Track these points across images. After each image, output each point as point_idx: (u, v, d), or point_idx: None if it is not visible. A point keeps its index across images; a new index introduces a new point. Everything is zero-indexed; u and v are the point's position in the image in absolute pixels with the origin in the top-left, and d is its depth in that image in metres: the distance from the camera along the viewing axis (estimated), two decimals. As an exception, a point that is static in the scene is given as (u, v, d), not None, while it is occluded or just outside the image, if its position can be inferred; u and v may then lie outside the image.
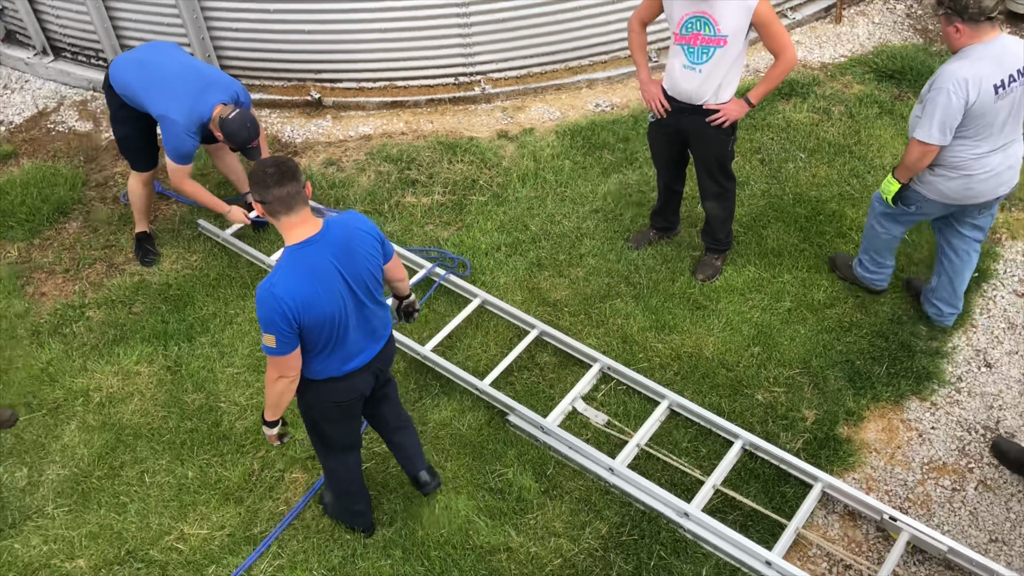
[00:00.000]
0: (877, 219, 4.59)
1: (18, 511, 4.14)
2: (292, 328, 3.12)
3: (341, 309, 3.23)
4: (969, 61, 3.92)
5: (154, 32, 6.59)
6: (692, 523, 3.85)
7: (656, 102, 4.60)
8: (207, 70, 4.88)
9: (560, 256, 5.22)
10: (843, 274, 4.97)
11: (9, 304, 5.15)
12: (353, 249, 3.25)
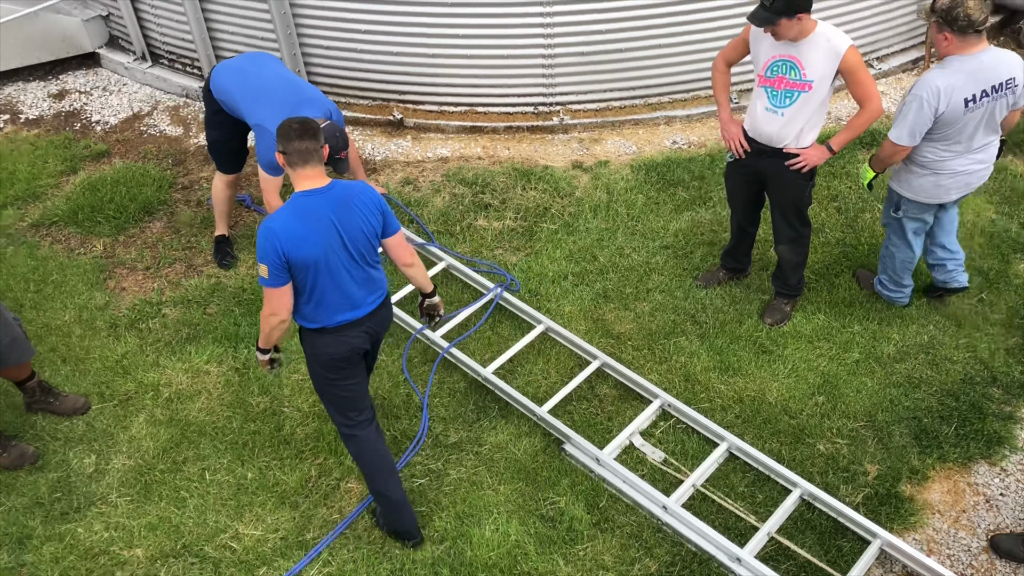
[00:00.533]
0: (889, 237, 4.84)
1: (84, 496, 4.27)
2: (281, 261, 3.45)
3: (328, 255, 3.52)
4: (947, 72, 4.18)
5: (248, 45, 6.82)
6: (744, 569, 3.79)
7: (736, 142, 4.59)
8: (304, 86, 5.03)
9: (627, 289, 5.22)
10: (865, 287, 5.16)
11: (91, 296, 5.35)
12: (352, 207, 3.56)
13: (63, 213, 5.96)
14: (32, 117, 7.05)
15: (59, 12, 7.38)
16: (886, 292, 5.03)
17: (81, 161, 6.49)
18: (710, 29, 6.32)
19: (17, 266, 5.56)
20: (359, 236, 3.59)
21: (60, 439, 4.53)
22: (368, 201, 3.62)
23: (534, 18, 6.15)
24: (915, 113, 4.22)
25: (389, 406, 4.62)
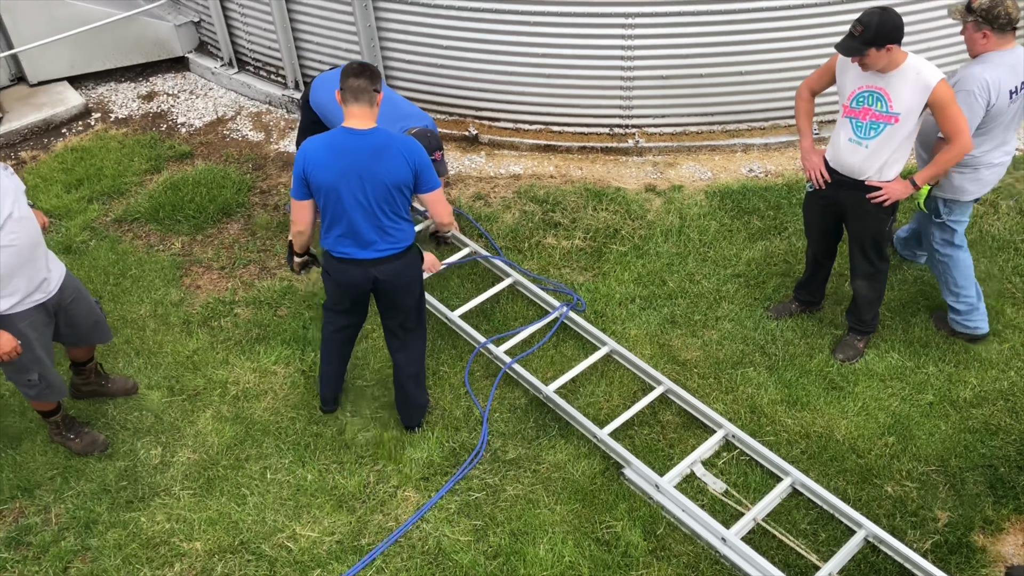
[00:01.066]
0: (937, 252, 4.81)
1: (148, 487, 4.36)
2: (302, 178, 3.87)
3: (342, 189, 3.82)
4: (991, 66, 4.29)
5: (333, 55, 6.96)
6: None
7: (816, 172, 4.52)
8: (402, 101, 5.15)
9: (695, 316, 5.16)
10: (945, 329, 5.03)
11: (167, 292, 5.48)
12: (382, 156, 3.80)
13: (145, 210, 6.14)
14: (122, 116, 7.29)
15: (153, 17, 7.63)
16: (964, 321, 4.88)
17: (165, 161, 6.68)
18: (793, 58, 6.24)
19: (99, 259, 5.73)
20: (380, 184, 3.83)
21: (129, 429, 4.64)
22: (401, 154, 3.83)
23: (615, 39, 6.15)
24: (968, 109, 4.25)
25: (449, 418, 4.62)
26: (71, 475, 4.42)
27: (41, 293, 4.02)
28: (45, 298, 4.05)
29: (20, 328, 3.95)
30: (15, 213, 3.77)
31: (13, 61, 7.40)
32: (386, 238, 4.00)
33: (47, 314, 4.10)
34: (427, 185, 3.94)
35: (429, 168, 3.90)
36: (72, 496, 4.32)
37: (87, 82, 7.69)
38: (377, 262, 4.05)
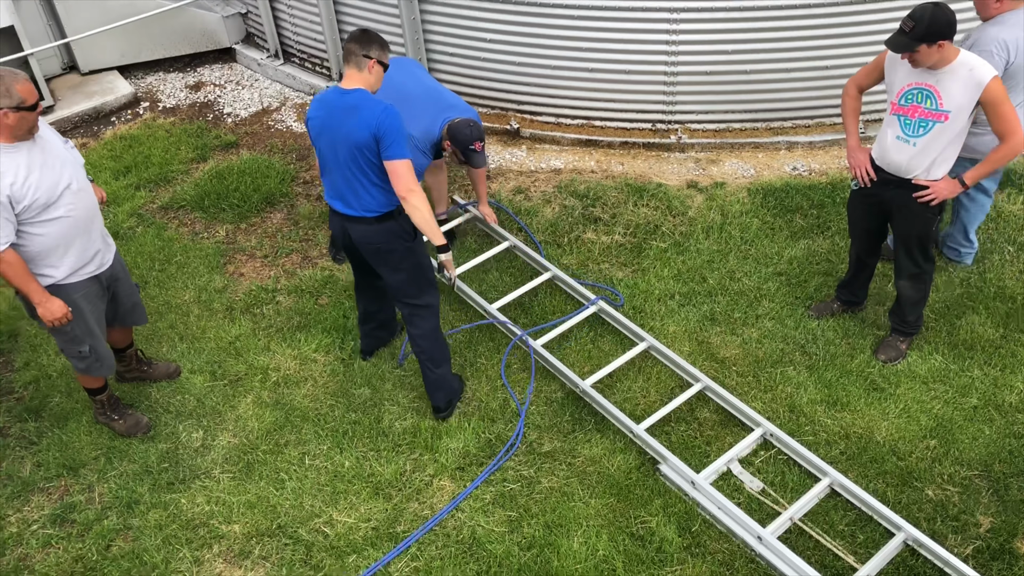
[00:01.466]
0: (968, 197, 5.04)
1: (189, 469, 4.43)
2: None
3: (321, 142, 4.05)
4: (1007, 26, 4.44)
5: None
6: (839, 610, 3.65)
7: (862, 170, 4.46)
8: (445, 93, 5.18)
9: (735, 314, 5.12)
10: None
11: (211, 279, 5.57)
12: (350, 116, 3.92)
13: (191, 198, 6.24)
14: (169, 106, 7.41)
15: (202, 8, 7.75)
16: (960, 249, 5.29)
17: (211, 150, 6.78)
18: (839, 55, 6.16)
19: (145, 245, 5.84)
20: (346, 141, 3.95)
21: (172, 412, 4.73)
22: (365, 116, 3.89)
23: (659, 35, 6.12)
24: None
25: (486, 409, 4.64)
26: (115, 456, 4.51)
27: (95, 265, 4.14)
28: (100, 270, 4.17)
29: (74, 299, 4.07)
30: (73, 185, 3.90)
31: (66, 50, 7.56)
32: (357, 199, 4.09)
33: (101, 287, 4.22)
34: (387, 152, 3.92)
35: (393, 135, 3.88)
36: (115, 476, 4.41)
37: (136, 71, 7.82)
38: (349, 219, 4.17)
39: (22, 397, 4.88)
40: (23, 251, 3.84)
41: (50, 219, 3.84)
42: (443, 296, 5.34)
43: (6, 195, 3.67)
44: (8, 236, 3.74)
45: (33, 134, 3.79)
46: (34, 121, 3.75)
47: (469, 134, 4.98)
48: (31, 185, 3.73)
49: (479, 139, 5.05)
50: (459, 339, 5.06)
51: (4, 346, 5.19)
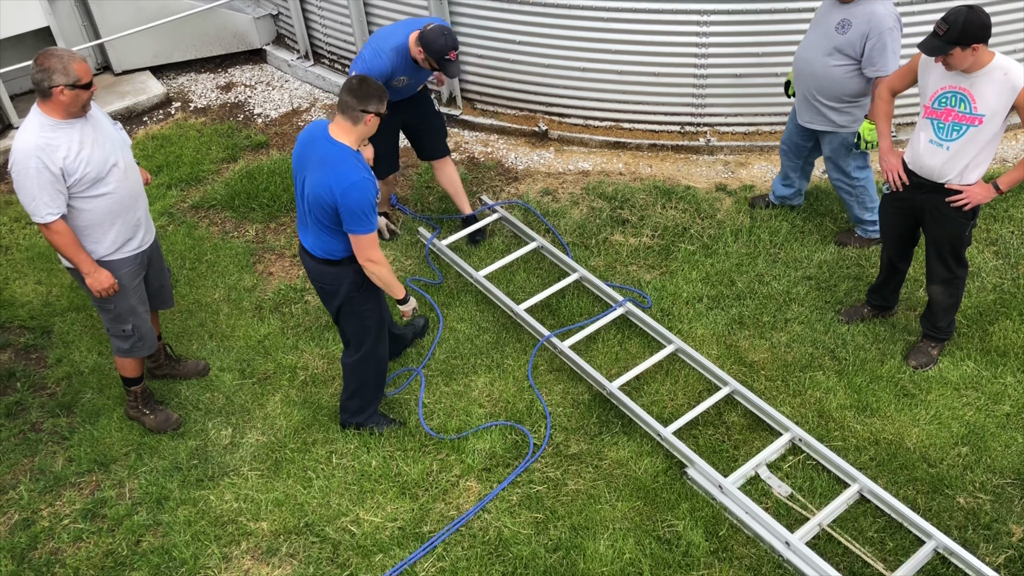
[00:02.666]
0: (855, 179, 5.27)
1: (218, 466, 4.47)
2: None
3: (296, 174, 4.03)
4: (884, 2, 4.71)
5: (405, 49, 7.03)
6: (868, 618, 3.62)
7: (894, 174, 4.42)
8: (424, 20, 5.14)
9: (764, 317, 5.09)
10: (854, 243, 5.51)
11: (240, 278, 5.61)
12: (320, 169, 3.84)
13: (221, 197, 6.29)
14: (200, 106, 7.48)
15: (233, 9, 7.82)
16: (871, 230, 5.45)
17: (241, 150, 6.84)
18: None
19: (176, 244, 5.90)
20: (310, 187, 3.90)
21: (201, 409, 4.77)
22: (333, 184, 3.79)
23: (689, 37, 6.10)
24: (896, 41, 4.73)
25: (512, 410, 4.64)
26: (145, 452, 4.56)
27: (137, 243, 4.28)
28: (142, 248, 4.31)
29: (119, 275, 4.22)
30: (121, 163, 4.08)
31: (100, 51, 7.65)
32: (314, 238, 4.05)
33: (141, 265, 4.35)
34: (348, 226, 3.87)
35: (353, 215, 3.80)
36: (145, 472, 4.45)
37: (168, 72, 7.91)
38: (305, 251, 4.18)
39: (55, 393, 4.94)
40: (70, 224, 4.00)
41: (98, 195, 4.00)
42: (469, 296, 5.35)
43: (59, 167, 3.85)
44: (60, 207, 3.92)
45: (86, 112, 3.96)
46: (87, 99, 3.91)
47: (444, 43, 4.85)
48: (83, 160, 3.90)
49: (454, 47, 4.90)
50: (486, 340, 5.07)
51: (38, 342, 5.26)
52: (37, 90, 3.83)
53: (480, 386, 4.80)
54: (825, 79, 4.92)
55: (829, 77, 4.90)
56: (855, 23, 4.73)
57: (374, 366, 4.43)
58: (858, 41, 4.74)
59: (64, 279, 5.65)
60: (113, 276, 4.16)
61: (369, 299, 4.24)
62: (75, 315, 5.40)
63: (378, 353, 4.41)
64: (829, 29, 4.84)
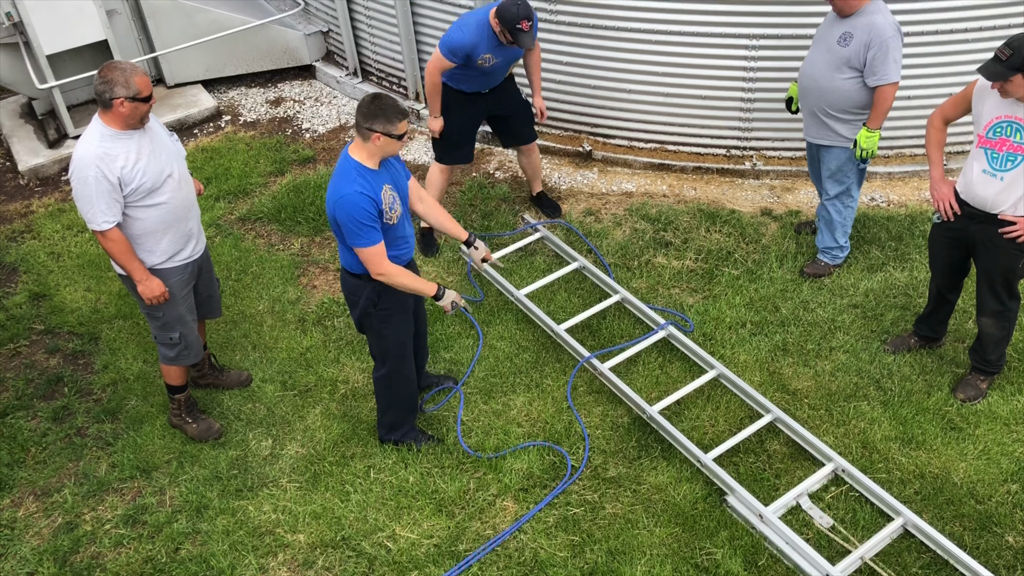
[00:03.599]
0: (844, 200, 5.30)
1: (257, 477, 4.51)
2: None
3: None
4: (883, 12, 4.75)
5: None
6: (911, 656, 3.54)
7: (946, 203, 4.35)
8: None
9: (808, 345, 5.02)
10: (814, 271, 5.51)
11: (284, 290, 5.68)
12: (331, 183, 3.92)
13: (268, 211, 6.38)
14: (250, 120, 7.60)
15: (285, 26, 7.95)
16: (839, 255, 5.50)
17: (289, 164, 6.93)
18: (920, 85, 6.02)
19: (222, 255, 5.98)
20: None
21: (243, 420, 4.82)
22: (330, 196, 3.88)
23: (737, 60, 6.08)
24: (898, 50, 4.76)
25: (551, 431, 4.63)
26: (186, 460, 4.61)
27: (188, 252, 4.36)
28: (193, 257, 4.39)
29: (170, 284, 4.30)
30: (176, 174, 4.18)
31: (153, 64, 7.81)
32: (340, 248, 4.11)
33: (191, 275, 4.42)
34: (349, 241, 3.90)
35: (346, 226, 3.82)
36: (186, 480, 4.50)
37: (219, 86, 8.05)
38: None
39: (100, 399, 5.03)
40: (125, 232, 4.10)
41: (152, 204, 4.10)
42: (509, 314, 5.36)
43: (116, 176, 3.96)
44: (116, 215, 4.02)
45: (144, 124, 4.07)
46: (146, 112, 4.02)
47: (516, 12, 4.99)
48: (140, 170, 4.01)
49: (526, 17, 5.01)
50: (526, 359, 5.06)
51: (85, 348, 5.36)
52: (99, 101, 3.93)
53: (519, 405, 4.79)
54: (832, 93, 4.94)
55: (836, 91, 4.92)
56: (856, 34, 4.77)
57: (400, 384, 4.42)
58: (861, 51, 4.76)
59: (113, 287, 5.75)
60: (164, 284, 4.23)
61: (386, 320, 4.20)
62: (122, 323, 5.49)
63: (403, 372, 4.38)
64: (832, 44, 4.88)
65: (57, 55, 7.02)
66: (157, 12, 7.51)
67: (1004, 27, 5.73)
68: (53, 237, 6.31)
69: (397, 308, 4.18)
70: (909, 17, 5.70)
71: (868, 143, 4.94)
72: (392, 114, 3.80)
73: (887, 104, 4.85)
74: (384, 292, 4.09)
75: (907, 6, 5.68)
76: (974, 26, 5.77)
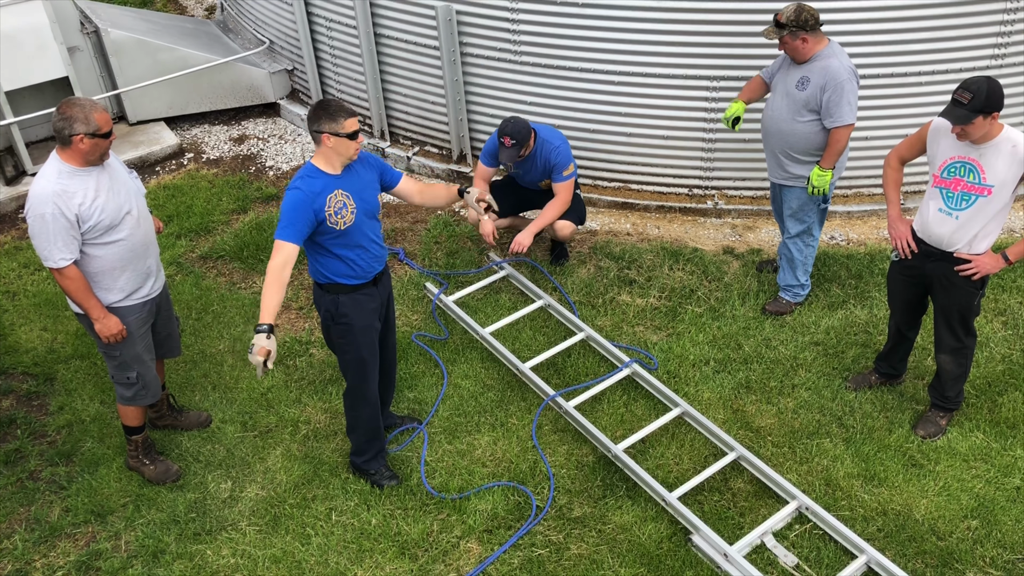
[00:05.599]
0: (805, 239, 5.37)
1: (216, 520, 4.41)
2: None
3: None
4: (838, 56, 4.87)
5: (420, 108, 7.13)
6: None
7: (903, 241, 4.43)
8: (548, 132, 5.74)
9: (771, 382, 5.05)
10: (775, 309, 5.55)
11: (246, 329, 5.61)
12: None
13: (230, 248, 6.32)
14: (213, 157, 7.56)
15: (250, 63, 7.94)
16: (801, 292, 5.56)
17: (251, 202, 6.88)
18: (877, 126, 6.16)
19: (183, 293, 5.90)
20: None
21: (202, 461, 4.72)
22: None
23: (698, 101, 6.17)
24: (853, 92, 4.85)
25: (516, 471, 4.59)
26: (143, 503, 4.50)
27: (147, 291, 4.30)
28: (151, 295, 4.33)
29: (128, 322, 4.23)
30: (134, 211, 4.14)
31: (115, 100, 7.76)
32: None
33: (149, 313, 4.36)
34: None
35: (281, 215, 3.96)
36: (143, 524, 4.39)
37: (182, 123, 8.00)
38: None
39: (55, 441, 4.91)
40: (82, 270, 4.04)
41: (111, 241, 4.04)
42: (475, 352, 5.33)
43: (74, 213, 3.90)
44: (73, 253, 3.96)
45: (104, 160, 4.03)
46: (106, 148, 3.99)
47: (502, 126, 5.44)
48: (98, 207, 3.96)
49: (507, 134, 5.40)
50: (491, 398, 5.03)
51: (40, 389, 5.24)
52: (58, 138, 3.89)
53: (483, 445, 4.75)
54: (793, 136, 5.05)
55: (797, 134, 5.04)
56: (813, 78, 4.89)
57: (360, 404, 4.39)
58: (818, 94, 4.88)
59: (70, 326, 5.65)
60: (121, 323, 4.16)
61: (345, 334, 4.21)
62: (79, 363, 5.38)
63: (363, 392, 4.35)
64: (791, 88, 5.00)
65: (16, 91, 6.95)
66: (120, 49, 7.47)
67: (956, 71, 5.89)
68: (9, 275, 6.19)
69: (357, 322, 4.17)
70: (867, 60, 5.85)
71: (819, 181, 5.03)
72: (336, 112, 3.89)
73: (840, 145, 4.95)
74: (341, 303, 4.13)
75: (864, 49, 5.82)
76: (927, 69, 5.93)
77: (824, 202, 5.27)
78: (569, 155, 5.60)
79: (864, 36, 5.79)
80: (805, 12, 4.78)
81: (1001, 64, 5.93)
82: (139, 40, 7.48)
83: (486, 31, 6.42)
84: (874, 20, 5.73)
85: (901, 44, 5.83)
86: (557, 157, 5.55)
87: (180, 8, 10.51)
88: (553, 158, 5.56)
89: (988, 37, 5.81)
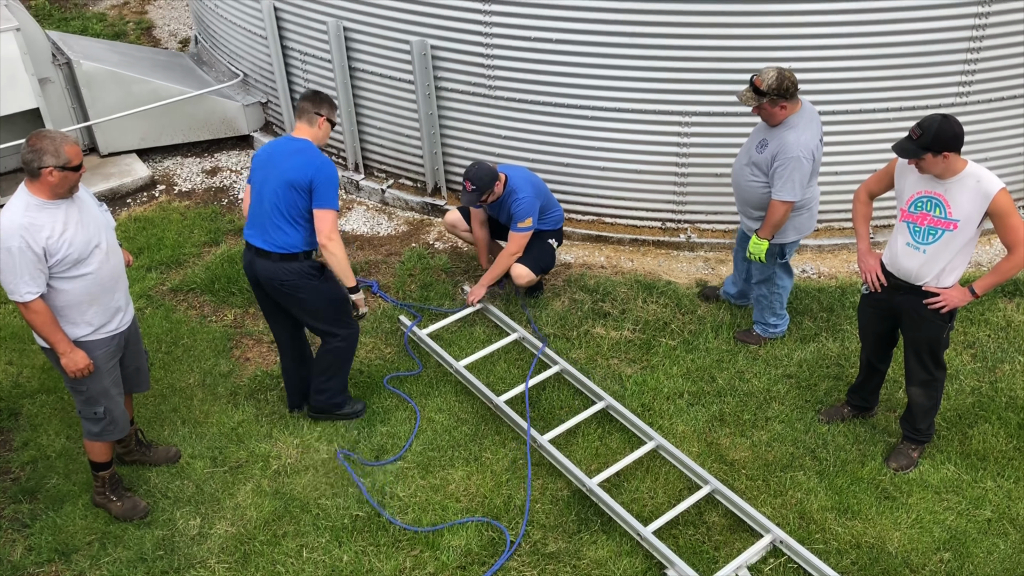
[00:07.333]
0: (769, 286, 5.38)
1: (184, 558, 4.33)
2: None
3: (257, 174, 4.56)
4: (800, 129, 4.85)
5: (395, 142, 7.15)
6: None
7: (872, 275, 4.48)
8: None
9: (745, 415, 5.07)
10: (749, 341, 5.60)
11: (216, 363, 5.54)
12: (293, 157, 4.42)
13: (201, 281, 6.26)
14: (185, 189, 7.51)
15: (223, 96, 7.93)
16: (773, 330, 5.58)
17: (224, 234, 6.84)
18: (847, 161, 6.26)
19: (153, 327, 5.84)
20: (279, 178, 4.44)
21: (170, 498, 4.64)
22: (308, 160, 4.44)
23: (671, 136, 6.24)
24: (800, 171, 4.84)
25: (490, 506, 4.55)
26: (109, 541, 4.41)
27: (115, 324, 4.23)
28: (120, 329, 4.26)
29: (95, 356, 4.16)
30: (103, 244, 4.08)
31: (87, 132, 7.71)
32: (274, 235, 4.45)
33: (118, 347, 4.29)
34: (318, 200, 4.38)
35: (325, 186, 4.35)
36: (108, 563, 4.30)
37: (154, 155, 7.96)
38: (259, 254, 4.52)
39: (18, 477, 4.80)
40: (48, 303, 3.98)
41: (78, 275, 3.99)
42: (448, 386, 5.31)
43: (41, 247, 3.85)
44: (40, 287, 3.91)
45: (73, 194, 3.98)
46: (76, 181, 3.94)
47: (465, 171, 5.55)
48: (66, 240, 3.90)
49: (467, 178, 5.48)
50: (465, 432, 5.00)
51: (4, 424, 5.13)
52: (27, 170, 3.84)
53: (457, 479, 4.71)
54: (747, 191, 5.14)
55: (750, 190, 5.12)
56: (770, 144, 4.94)
57: (354, 340, 4.91)
58: (769, 161, 4.93)
59: (36, 360, 5.55)
60: (89, 357, 4.10)
61: (333, 282, 4.65)
62: (45, 397, 5.29)
63: (353, 326, 4.85)
64: (752, 146, 5.07)
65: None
66: (93, 81, 7.43)
67: (923, 107, 6.01)
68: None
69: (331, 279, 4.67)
70: (834, 97, 5.95)
71: (756, 249, 5.12)
72: (335, 105, 4.58)
73: (776, 217, 4.98)
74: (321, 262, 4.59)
75: (832, 86, 5.92)
76: (894, 105, 6.04)
77: (782, 257, 5.29)
78: (531, 209, 5.58)
79: (831, 73, 5.90)
80: (787, 80, 4.72)
81: (965, 101, 6.06)
82: (111, 72, 7.46)
83: (461, 65, 6.46)
84: (841, 57, 5.84)
85: (868, 81, 5.94)
86: (517, 208, 5.58)
87: (154, 40, 10.50)
88: (513, 208, 5.60)
89: (953, 75, 5.94)
